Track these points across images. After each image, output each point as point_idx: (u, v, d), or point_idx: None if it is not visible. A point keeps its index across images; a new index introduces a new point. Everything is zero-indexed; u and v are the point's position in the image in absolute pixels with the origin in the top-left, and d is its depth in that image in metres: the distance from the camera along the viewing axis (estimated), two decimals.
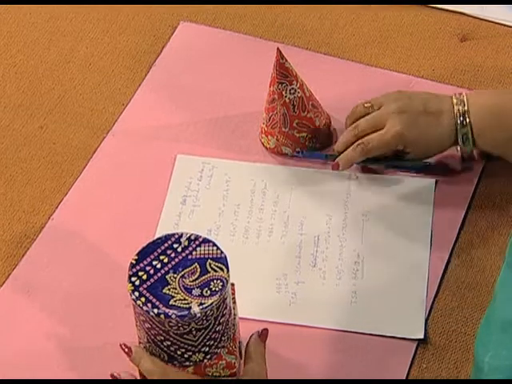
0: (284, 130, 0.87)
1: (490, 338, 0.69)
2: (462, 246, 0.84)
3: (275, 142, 0.89)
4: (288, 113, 0.87)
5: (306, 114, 0.87)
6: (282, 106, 0.86)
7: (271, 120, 0.88)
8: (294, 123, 0.87)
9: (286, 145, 0.88)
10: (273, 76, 0.86)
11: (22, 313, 0.81)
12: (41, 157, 0.91)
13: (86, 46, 1.00)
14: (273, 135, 0.88)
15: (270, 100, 0.87)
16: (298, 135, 0.88)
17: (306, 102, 0.87)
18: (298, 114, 0.87)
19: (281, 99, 0.86)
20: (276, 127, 0.88)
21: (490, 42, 1.00)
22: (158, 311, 0.64)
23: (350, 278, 0.82)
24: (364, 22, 1.02)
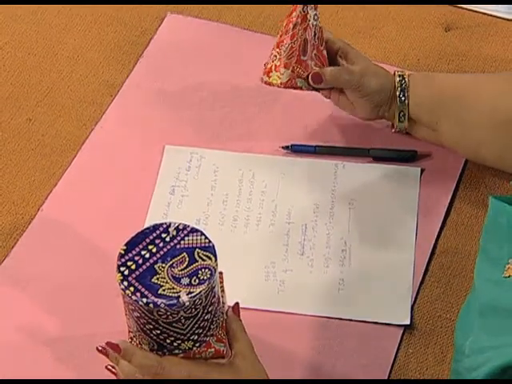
0: (303, 59, 0.84)
1: (470, 323, 0.69)
2: (446, 233, 0.85)
3: (289, 74, 0.84)
4: (309, 39, 0.83)
5: (322, 49, 0.85)
6: (305, 31, 0.83)
7: (289, 49, 0.83)
8: (313, 53, 0.84)
9: (301, 76, 0.85)
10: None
11: (12, 303, 0.80)
12: (29, 149, 0.91)
13: (74, 38, 1.00)
14: (287, 67, 0.84)
15: (289, 28, 0.83)
16: (314, 66, 0.85)
17: (323, 36, 0.85)
18: (317, 45, 0.84)
19: (304, 23, 0.83)
20: (294, 56, 0.83)
21: (473, 31, 1.01)
22: (147, 300, 0.64)
23: (337, 265, 0.83)
24: (350, 12, 1.02)
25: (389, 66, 0.96)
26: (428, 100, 0.85)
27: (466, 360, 0.68)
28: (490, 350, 0.64)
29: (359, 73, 0.85)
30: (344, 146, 0.91)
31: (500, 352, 0.63)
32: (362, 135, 0.91)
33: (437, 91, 0.85)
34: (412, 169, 0.89)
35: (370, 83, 0.85)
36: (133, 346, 0.68)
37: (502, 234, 0.71)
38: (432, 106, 0.84)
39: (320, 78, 0.84)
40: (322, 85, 0.85)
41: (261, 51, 0.88)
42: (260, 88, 0.88)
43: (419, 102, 0.85)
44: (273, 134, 0.92)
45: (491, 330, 0.66)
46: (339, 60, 0.87)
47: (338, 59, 0.87)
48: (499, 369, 0.62)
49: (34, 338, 0.78)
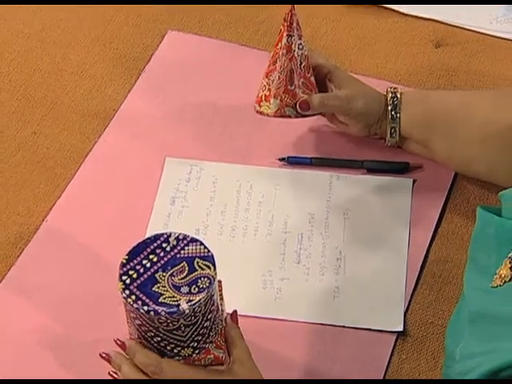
0: (290, 88, 0.83)
1: (460, 329, 0.69)
2: (438, 242, 0.84)
3: (278, 103, 0.83)
4: (295, 69, 0.82)
5: (309, 75, 0.84)
6: (290, 61, 0.82)
7: (276, 80, 0.83)
8: (300, 82, 0.83)
9: (289, 105, 0.84)
10: (281, 31, 0.82)
11: (17, 311, 0.80)
12: (34, 161, 0.91)
13: (78, 54, 1.00)
14: (276, 96, 0.83)
15: (276, 58, 0.83)
16: (302, 95, 0.84)
17: (310, 63, 0.84)
18: (303, 73, 0.83)
19: (289, 53, 0.82)
20: (281, 86, 0.83)
21: (462, 47, 1.01)
22: (148, 308, 0.64)
23: (332, 273, 0.82)
24: (343, 29, 1.02)
25: (381, 80, 0.96)
26: (420, 118, 0.84)
27: (457, 365, 0.67)
28: (479, 356, 0.64)
29: (346, 98, 0.84)
30: (339, 158, 0.90)
31: (489, 357, 0.62)
32: (356, 148, 0.91)
33: (429, 109, 0.84)
34: (404, 180, 0.88)
35: (357, 107, 0.84)
36: (136, 345, 0.67)
37: (490, 243, 0.70)
38: (424, 124, 0.84)
39: (307, 105, 0.83)
40: (310, 112, 0.84)
41: (257, 67, 0.88)
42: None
43: (411, 121, 0.85)
44: (270, 147, 0.91)
45: (481, 337, 0.65)
46: (328, 84, 0.86)
47: (326, 83, 0.86)
48: (489, 373, 0.62)
49: (39, 344, 0.77)
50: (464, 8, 1.04)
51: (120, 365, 0.68)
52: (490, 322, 0.65)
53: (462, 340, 0.68)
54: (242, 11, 1.04)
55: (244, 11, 1.03)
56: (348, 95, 0.84)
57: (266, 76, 0.84)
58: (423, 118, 0.84)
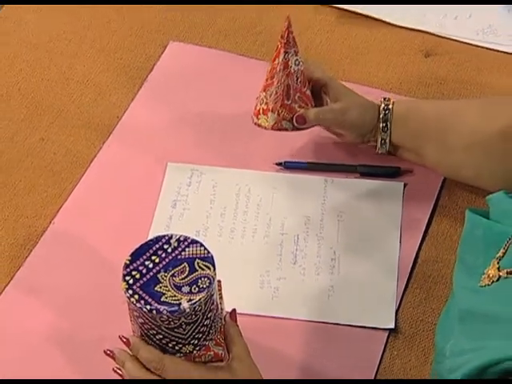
0: (287, 103, 0.83)
1: (450, 327, 0.69)
2: (428, 243, 0.84)
3: (275, 117, 0.84)
4: (292, 84, 0.82)
5: (305, 90, 0.84)
6: (287, 77, 0.82)
7: (273, 94, 0.83)
8: (296, 96, 0.83)
9: (286, 119, 0.84)
10: (278, 47, 0.82)
11: (25, 310, 0.80)
12: (42, 166, 0.91)
13: (83, 65, 1.00)
14: (273, 111, 0.83)
15: (274, 73, 0.82)
16: (298, 109, 0.84)
17: (306, 78, 0.84)
18: (300, 88, 0.83)
19: (286, 69, 0.82)
20: (278, 101, 0.83)
21: (450, 57, 1.01)
22: (151, 307, 0.64)
23: (327, 273, 0.82)
24: (337, 40, 1.02)
25: (373, 88, 0.96)
26: (411, 130, 0.84)
27: (447, 361, 0.67)
28: (469, 353, 0.64)
29: (340, 111, 0.84)
30: (333, 163, 0.90)
31: (478, 354, 0.62)
32: (349, 153, 0.91)
33: (420, 119, 0.84)
34: (396, 184, 0.88)
35: (351, 119, 0.84)
36: (140, 341, 0.67)
37: (478, 245, 0.70)
38: (415, 134, 0.84)
39: (304, 119, 0.84)
40: (306, 125, 0.85)
41: (255, 75, 0.88)
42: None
43: (402, 132, 0.85)
44: (267, 152, 0.91)
45: (470, 334, 0.65)
46: (323, 96, 0.86)
47: (322, 96, 0.86)
48: (477, 369, 0.62)
49: (46, 341, 0.77)
50: (452, 20, 1.04)
51: (124, 361, 0.68)
52: (479, 320, 0.65)
53: (452, 337, 0.68)
54: (240, 23, 1.04)
55: (242, 23, 1.03)
56: (342, 108, 0.84)
57: (264, 90, 0.84)
58: (414, 128, 0.84)
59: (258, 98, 0.85)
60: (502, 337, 0.62)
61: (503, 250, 0.65)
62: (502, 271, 0.65)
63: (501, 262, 0.65)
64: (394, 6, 1.05)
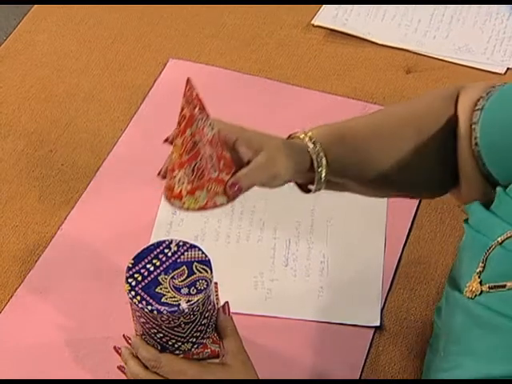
0: (213, 176, 0.62)
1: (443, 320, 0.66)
2: (410, 246, 0.84)
3: (206, 195, 0.62)
4: (214, 152, 0.62)
5: (226, 153, 0.63)
6: (208, 146, 0.61)
7: (196, 170, 0.61)
8: (221, 164, 0.63)
9: (219, 193, 0.63)
10: (186, 116, 0.61)
11: (35, 310, 0.79)
12: (51, 176, 0.90)
13: (89, 82, 0.99)
14: (201, 188, 0.62)
15: (190, 147, 0.61)
16: (226, 177, 0.63)
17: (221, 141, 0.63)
18: (221, 153, 0.63)
19: (204, 138, 0.61)
20: (204, 176, 0.62)
21: (430, 73, 1.00)
22: (152, 308, 0.63)
23: (317, 275, 0.81)
24: (325, 57, 1.02)
25: (359, 101, 0.96)
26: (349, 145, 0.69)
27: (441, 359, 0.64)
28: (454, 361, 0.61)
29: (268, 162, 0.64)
30: None
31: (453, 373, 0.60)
32: None
33: (354, 133, 0.69)
34: None
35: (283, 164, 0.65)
36: (139, 341, 0.66)
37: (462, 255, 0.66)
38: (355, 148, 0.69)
39: (239, 187, 0.63)
40: (241, 192, 0.64)
41: (248, 90, 0.88)
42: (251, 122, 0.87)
43: (342, 151, 0.68)
44: None
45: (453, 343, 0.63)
46: (239, 149, 0.65)
47: (237, 149, 0.65)
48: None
49: (55, 339, 0.76)
50: (431, 39, 1.04)
51: (126, 359, 0.67)
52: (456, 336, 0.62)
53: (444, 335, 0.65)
54: (235, 41, 1.03)
55: (237, 41, 1.03)
56: (269, 158, 0.64)
57: (180, 167, 0.62)
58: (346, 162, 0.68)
59: (171, 178, 0.63)
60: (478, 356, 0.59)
61: (482, 263, 0.61)
62: (483, 286, 0.61)
63: (482, 276, 0.61)
64: (378, 26, 1.05)
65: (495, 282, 0.60)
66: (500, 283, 0.59)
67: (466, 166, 0.68)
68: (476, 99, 0.67)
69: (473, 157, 0.67)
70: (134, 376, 0.66)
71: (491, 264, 0.61)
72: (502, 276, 0.59)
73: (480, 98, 0.67)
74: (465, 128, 0.67)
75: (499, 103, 0.66)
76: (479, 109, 0.66)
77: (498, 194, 0.63)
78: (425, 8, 1.08)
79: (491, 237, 0.61)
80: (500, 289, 0.59)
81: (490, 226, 0.62)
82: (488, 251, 0.61)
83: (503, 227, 0.60)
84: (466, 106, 0.68)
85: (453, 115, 0.68)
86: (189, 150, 0.61)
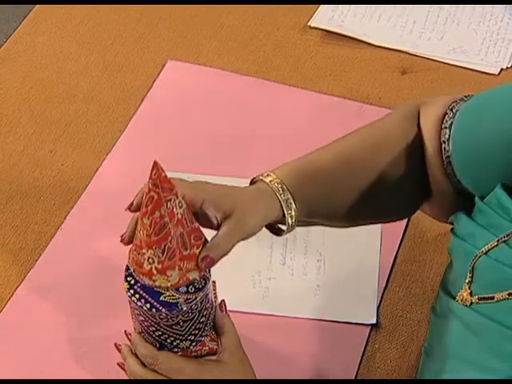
0: (185, 253, 0.60)
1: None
2: (406, 245, 0.84)
3: (178, 273, 0.60)
4: (184, 230, 0.60)
5: (195, 224, 0.61)
6: (178, 226, 0.59)
7: (167, 250, 0.59)
8: (192, 239, 0.60)
9: (191, 269, 0.61)
10: (154, 198, 0.58)
11: (36, 309, 0.79)
12: (51, 176, 0.90)
13: (89, 83, 0.99)
14: (173, 267, 0.60)
15: (159, 228, 0.58)
16: (197, 251, 0.61)
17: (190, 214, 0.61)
18: (191, 228, 0.60)
19: (174, 219, 0.58)
20: (175, 255, 0.59)
21: (425, 74, 1.00)
22: (150, 306, 0.63)
23: (314, 273, 0.81)
24: (322, 58, 1.02)
25: (355, 102, 0.96)
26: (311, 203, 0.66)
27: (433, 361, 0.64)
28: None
29: (237, 228, 0.62)
30: None
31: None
32: None
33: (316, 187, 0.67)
34: None
35: (252, 225, 0.63)
36: (138, 338, 0.66)
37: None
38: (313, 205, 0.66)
39: (211, 260, 0.61)
40: (215, 263, 0.62)
41: (246, 90, 0.88)
42: (249, 122, 0.87)
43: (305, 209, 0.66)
44: (259, 162, 0.90)
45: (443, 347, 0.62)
46: (206, 212, 0.62)
47: (205, 212, 0.62)
48: None
49: (55, 338, 0.76)
50: (426, 41, 1.04)
51: (126, 357, 0.67)
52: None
53: None
54: (232, 43, 1.03)
55: (234, 43, 1.03)
56: (238, 221, 0.62)
57: (149, 246, 0.59)
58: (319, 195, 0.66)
59: (139, 254, 0.60)
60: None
61: (470, 273, 0.61)
62: (473, 297, 0.60)
63: (472, 286, 0.61)
64: (374, 27, 1.05)
65: (484, 293, 0.59)
66: (488, 295, 0.59)
67: (439, 183, 0.67)
68: (440, 116, 0.66)
69: (445, 174, 0.66)
70: (133, 373, 0.66)
71: (479, 274, 0.60)
72: (491, 286, 0.59)
73: (445, 115, 0.66)
74: (432, 146, 0.66)
75: (469, 117, 0.65)
76: (447, 126, 0.65)
77: (476, 204, 0.63)
78: (420, 9, 1.08)
79: (476, 246, 0.61)
80: (489, 300, 0.59)
81: (474, 235, 0.61)
82: (474, 260, 0.60)
83: (487, 237, 0.60)
84: (429, 123, 0.67)
85: (417, 134, 0.67)
86: (158, 232, 0.58)
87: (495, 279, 0.59)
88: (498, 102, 0.64)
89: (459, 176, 0.65)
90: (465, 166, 0.65)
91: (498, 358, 0.57)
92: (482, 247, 0.60)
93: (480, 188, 0.63)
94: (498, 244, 0.59)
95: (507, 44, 1.04)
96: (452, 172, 0.66)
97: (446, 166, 0.66)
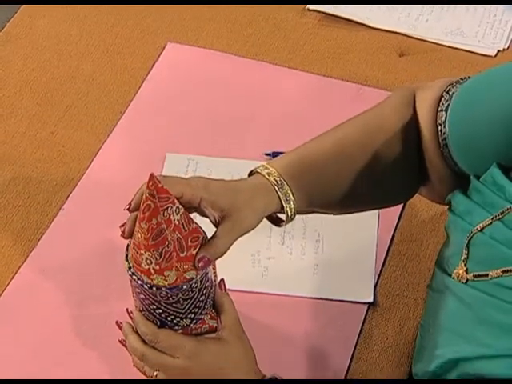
0: (182, 255, 0.61)
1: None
2: (403, 224, 0.83)
3: (176, 274, 0.61)
4: (181, 235, 0.60)
5: (193, 225, 0.61)
6: (175, 232, 0.60)
7: (164, 253, 0.59)
8: (189, 241, 0.61)
9: (188, 270, 0.61)
10: (151, 206, 0.58)
11: (38, 288, 0.78)
12: (52, 158, 0.89)
13: (90, 65, 0.98)
14: (170, 268, 0.60)
15: (156, 234, 0.59)
16: (194, 251, 0.61)
17: (188, 212, 0.61)
18: (188, 231, 0.61)
19: (171, 225, 0.59)
20: (172, 258, 0.60)
21: (422, 56, 0.99)
22: (151, 285, 0.62)
23: (312, 253, 0.81)
24: (320, 40, 1.01)
25: (353, 84, 0.94)
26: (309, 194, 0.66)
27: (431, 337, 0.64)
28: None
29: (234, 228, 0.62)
30: None
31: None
32: None
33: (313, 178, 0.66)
34: None
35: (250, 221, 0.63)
36: (139, 316, 0.65)
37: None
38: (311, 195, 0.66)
39: (207, 261, 0.61)
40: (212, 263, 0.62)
41: (245, 73, 0.87)
42: (248, 104, 0.86)
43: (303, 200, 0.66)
44: (259, 144, 0.90)
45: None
46: (204, 211, 0.62)
47: (203, 211, 0.62)
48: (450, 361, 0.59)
49: (58, 315, 0.76)
50: (423, 23, 1.03)
51: (127, 334, 0.66)
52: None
53: None
54: (231, 26, 1.02)
55: (233, 26, 1.02)
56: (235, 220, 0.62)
57: (147, 249, 0.60)
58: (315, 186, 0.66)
59: (138, 253, 0.61)
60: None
61: (465, 250, 0.60)
62: (469, 274, 0.60)
63: (467, 263, 0.60)
64: (372, 10, 1.04)
65: (479, 271, 0.59)
66: (483, 272, 0.59)
67: (436, 167, 0.67)
68: (436, 99, 0.66)
69: (441, 157, 0.66)
70: (134, 350, 0.65)
71: (474, 251, 0.60)
72: (485, 264, 0.59)
73: (441, 98, 0.65)
74: (428, 129, 0.66)
75: (467, 98, 0.64)
76: (443, 109, 0.65)
77: (472, 183, 0.63)
78: None
79: (472, 223, 0.60)
80: (483, 277, 0.59)
81: (470, 212, 0.61)
82: (469, 237, 0.60)
83: (483, 214, 0.60)
84: (425, 107, 0.66)
85: (413, 119, 0.67)
86: (155, 237, 0.59)
87: (490, 256, 0.59)
88: (496, 82, 0.63)
89: (456, 158, 0.65)
90: (461, 147, 0.64)
91: (491, 330, 0.57)
92: (478, 224, 0.60)
93: (476, 169, 0.63)
94: (493, 222, 0.59)
95: (504, 26, 1.03)
96: (448, 154, 0.65)
97: (443, 149, 0.65)
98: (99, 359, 0.73)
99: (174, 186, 0.60)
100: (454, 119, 0.64)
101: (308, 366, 0.73)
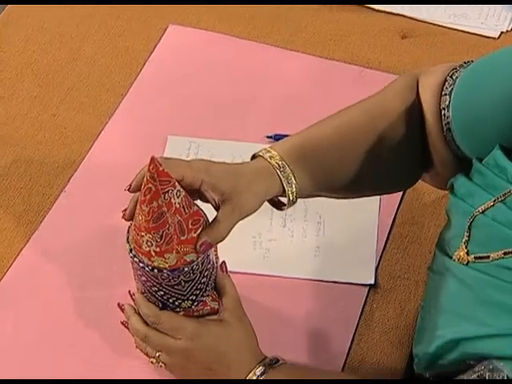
0: (183, 238, 0.60)
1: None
2: (404, 207, 0.83)
3: (176, 256, 0.61)
4: (182, 218, 0.60)
5: (194, 208, 0.61)
6: (175, 215, 0.60)
7: (164, 236, 0.59)
8: (190, 223, 0.61)
9: (188, 252, 0.61)
10: (152, 189, 0.58)
11: (40, 270, 0.78)
12: (54, 140, 0.88)
13: (91, 47, 0.97)
14: (171, 251, 0.60)
15: (157, 216, 0.58)
16: (195, 234, 0.61)
17: (189, 196, 0.61)
18: (189, 213, 0.61)
19: (171, 208, 0.59)
20: (172, 241, 0.60)
21: (425, 39, 0.98)
22: (152, 267, 0.61)
23: (313, 235, 0.80)
24: (322, 23, 0.99)
25: (355, 66, 0.93)
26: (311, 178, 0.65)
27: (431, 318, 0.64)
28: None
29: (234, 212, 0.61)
30: None
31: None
32: None
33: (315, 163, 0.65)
34: None
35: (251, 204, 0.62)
36: (141, 298, 0.65)
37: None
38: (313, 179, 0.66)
39: (209, 245, 0.61)
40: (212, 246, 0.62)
41: (246, 55, 0.86)
42: (250, 86, 0.85)
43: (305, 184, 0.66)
44: (260, 126, 0.89)
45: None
46: (205, 194, 0.62)
47: (204, 194, 0.62)
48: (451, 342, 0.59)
49: (60, 297, 0.75)
50: (426, 5, 1.01)
51: (129, 316, 0.66)
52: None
53: None
54: (233, 8, 1.00)
55: (235, 8, 1.00)
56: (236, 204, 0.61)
57: (148, 231, 0.59)
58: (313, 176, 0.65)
59: (139, 235, 0.60)
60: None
61: (467, 232, 0.60)
62: (470, 256, 0.59)
63: (468, 245, 0.60)
64: None
65: (480, 253, 0.59)
66: (484, 254, 0.58)
67: (439, 151, 0.66)
68: (439, 83, 0.65)
69: (444, 141, 0.65)
70: (136, 331, 0.65)
71: (475, 233, 0.60)
72: (486, 245, 0.58)
73: (445, 82, 0.65)
74: (432, 114, 0.65)
75: (470, 82, 0.64)
76: (447, 93, 0.64)
77: (474, 165, 0.62)
78: None
79: (474, 205, 0.60)
80: (484, 259, 0.58)
81: (472, 194, 0.61)
82: (470, 219, 0.60)
83: (484, 196, 0.59)
84: (429, 92, 0.66)
85: (416, 104, 0.66)
86: (156, 220, 0.59)
87: (491, 238, 0.58)
88: (500, 65, 0.62)
89: (459, 142, 0.65)
90: (464, 131, 0.64)
91: (492, 310, 0.57)
92: (479, 206, 0.59)
93: (479, 153, 0.62)
94: (495, 203, 0.58)
95: (507, 7, 1.01)
96: (451, 138, 0.65)
97: (446, 133, 0.65)
98: (101, 341, 0.72)
99: (175, 169, 0.60)
100: (458, 103, 0.64)
101: (309, 348, 0.73)
